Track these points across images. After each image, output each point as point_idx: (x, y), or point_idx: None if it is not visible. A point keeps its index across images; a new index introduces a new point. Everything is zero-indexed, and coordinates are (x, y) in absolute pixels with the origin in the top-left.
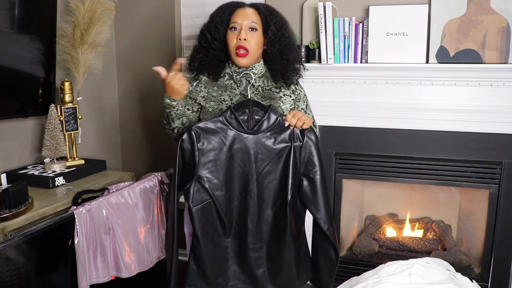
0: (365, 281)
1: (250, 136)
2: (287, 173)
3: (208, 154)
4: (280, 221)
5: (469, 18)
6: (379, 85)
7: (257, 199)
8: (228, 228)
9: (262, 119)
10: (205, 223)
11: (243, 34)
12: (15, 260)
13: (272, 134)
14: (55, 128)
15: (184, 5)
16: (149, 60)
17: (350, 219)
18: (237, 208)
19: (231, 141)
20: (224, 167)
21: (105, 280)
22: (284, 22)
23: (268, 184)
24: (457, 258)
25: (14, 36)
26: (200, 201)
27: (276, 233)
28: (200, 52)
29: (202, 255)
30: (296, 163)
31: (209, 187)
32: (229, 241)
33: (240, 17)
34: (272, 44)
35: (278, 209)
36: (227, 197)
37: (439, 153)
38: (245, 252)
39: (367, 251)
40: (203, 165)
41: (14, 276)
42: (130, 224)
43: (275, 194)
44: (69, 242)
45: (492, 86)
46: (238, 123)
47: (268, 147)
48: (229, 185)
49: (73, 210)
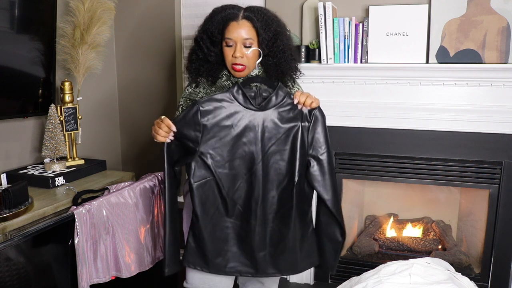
0: (365, 281)
1: (257, 113)
2: (295, 154)
3: (212, 129)
4: (285, 203)
5: (469, 18)
6: (379, 85)
7: (262, 179)
8: (231, 208)
9: (270, 96)
10: (206, 200)
11: (238, 52)
12: (15, 260)
13: (280, 113)
14: (55, 128)
15: (184, 5)
16: (149, 60)
17: (350, 219)
18: (241, 188)
19: (237, 117)
20: (229, 145)
21: (105, 280)
22: (280, 31)
23: (274, 164)
24: (457, 258)
25: (14, 36)
26: (201, 177)
27: (280, 215)
28: (196, 62)
29: (201, 233)
30: (304, 144)
31: (211, 163)
32: (231, 221)
33: (234, 32)
34: (267, 57)
35: (284, 190)
36: (231, 176)
37: (439, 153)
38: (247, 233)
39: (367, 251)
40: (206, 141)
41: (14, 276)
42: (130, 224)
43: (281, 175)
44: (69, 242)
45: (492, 86)
46: (245, 99)
47: (275, 126)
48: (233, 164)
49: (73, 210)
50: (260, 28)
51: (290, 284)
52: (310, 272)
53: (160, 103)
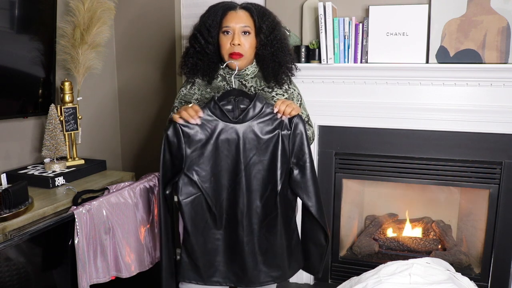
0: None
1: (236, 126)
2: (276, 163)
3: (194, 146)
4: (270, 212)
5: (469, 18)
6: (379, 85)
7: (246, 190)
8: (219, 220)
9: (248, 108)
10: (195, 216)
11: (236, 39)
12: (15, 260)
13: (259, 123)
14: (55, 128)
15: (184, 5)
16: (149, 60)
17: (350, 219)
18: (226, 200)
19: (217, 131)
20: (211, 159)
21: (105, 280)
22: (276, 24)
23: (256, 175)
24: (457, 258)
25: (14, 36)
26: (189, 194)
27: (266, 224)
28: (194, 56)
29: (193, 247)
30: (285, 152)
31: (197, 180)
32: (220, 233)
33: (232, 20)
34: (264, 46)
35: (268, 199)
36: (216, 189)
37: (439, 153)
38: (237, 243)
39: (367, 251)
40: (190, 158)
41: (14, 276)
42: (130, 224)
43: (264, 185)
44: (69, 242)
45: (492, 86)
46: (222, 113)
47: (255, 137)
48: (217, 177)
49: (73, 210)
50: (258, 17)
51: (290, 284)
52: None
53: (160, 103)
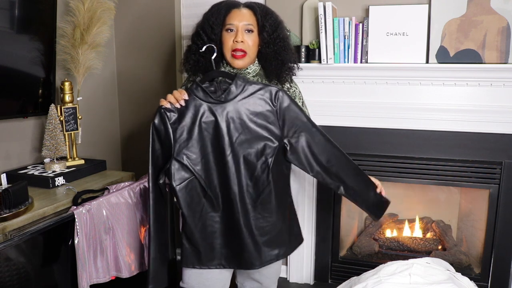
0: (365, 281)
1: (220, 106)
2: (264, 141)
3: (181, 130)
4: (263, 190)
5: (469, 18)
6: (379, 85)
7: (235, 170)
8: (216, 203)
9: (229, 86)
10: (191, 201)
11: (239, 36)
12: (15, 260)
13: (242, 102)
14: (55, 128)
15: (184, 5)
16: (149, 60)
17: (350, 219)
18: (219, 181)
19: (201, 113)
20: (199, 141)
21: (105, 280)
22: (279, 23)
23: (244, 154)
24: (457, 258)
25: (14, 36)
26: (182, 179)
27: (260, 202)
28: (196, 53)
29: (192, 233)
30: (273, 129)
31: (188, 163)
32: (219, 215)
33: (236, 18)
34: (267, 45)
35: (258, 178)
36: (207, 171)
37: (439, 153)
38: (234, 225)
39: (367, 251)
40: (179, 143)
41: (14, 276)
42: (130, 224)
43: (253, 164)
44: (69, 242)
45: (492, 86)
46: (205, 94)
47: (240, 116)
48: (207, 159)
49: (73, 210)
50: (261, 15)
51: (290, 284)
52: (310, 272)
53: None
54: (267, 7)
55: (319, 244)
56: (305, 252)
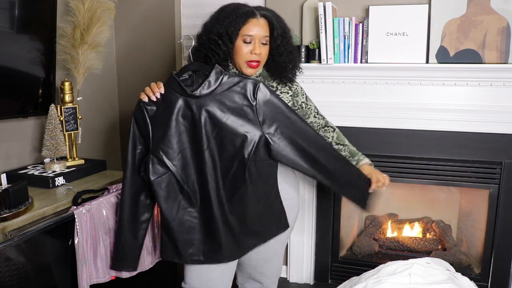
0: (365, 281)
1: (197, 100)
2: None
3: (159, 124)
4: (240, 185)
5: (469, 18)
6: (379, 85)
7: (212, 166)
8: (194, 198)
9: (206, 80)
10: (167, 196)
11: (257, 49)
12: (15, 260)
13: (219, 96)
14: (55, 128)
15: (184, 5)
16: (149, 60)
17: (350, 219)
18: (196, 177)
19: (178, 108)
20: (176, 136)
21: (105, 280)
22: (288, 31)
23: (220, 149)
24: (457, 258)
25: (14, 36)
26: (159, 173)
27: (236, 197)
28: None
29: (169, 227)
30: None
31: (165, 158)
32: (196, 211)
33: (254, 29)
34: (279, 54)
35: (235, 174)
36: (184, 166)
37: (439, 153)
38: (211, 220)
39: (367, 251)
40: (156, 137)
41: (14, 276)
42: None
43: (229, 160)
44: (69, 242)
45: (492, 86)
46: (181, 88)
47: (217, 110)
48: (184, 154)
49: (73, 210)
50: (276, 26)
51: (290, 284)
52: (310, 272)
53: None
54: (277, 14)
55: (319, 244)
56: (305, 252)
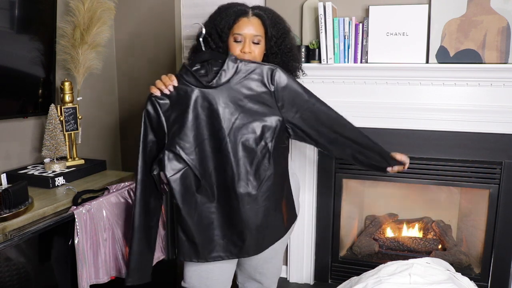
0: (365, 281)
1: (213, 90)
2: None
3: (174, 118)
4: (264, 175)
5: (469, 18)
6: (379, 85)
7: (233, 156)
8: (211, 193)
9: (221, 69)
10: (185, 192)
11: (247, 48)
12: (15, 260)
13: (237, 84)
14: (55, 128)
15: (184, 5)
16: (149, 60)
17: (350, 219)
18: (214, 170)
19: (194, 99)
20: (193, 129)
21: (105, 280)
22: (287, 31)
23: (242, 140)
24: (457, 258)
25: (14, 36)
26: (176, 169)
27: (261, 189)
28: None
29: (187, 225)
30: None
31: (182, 153)
32: (214, 206)
33: (244, 28)
34: (275, 55)
35: (259, 164)
36: (202, 159)
37: (439, 153)
38: (232, 214)
39: (367, 251)
40: (172, 131)
41: (14, 276)
42: (130, 224)
43: (252, 149)
44: (69, 242)
45: (492, 86)
46: (195, 79)
47: (235, 99)
48: (202, 147)
49: (73, 210)
50: (269, 25)
51: (290, 284)
52: (310, 272)
53: None
54: (276, 14)
55: (319, 244)
56: (305, 252)
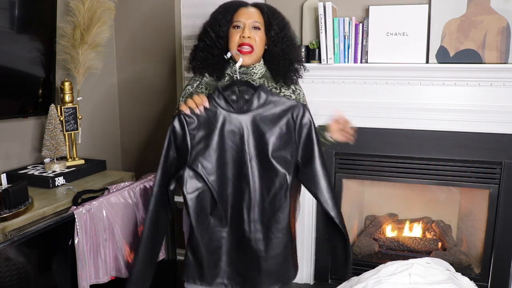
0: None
1: (241, 116)
2: (283, 154)
3: (199, 138)
4: (279, 207)
5: (469, 18)
6: (379, 85)
7: (252, 183)
8: (225, 217)
9: (252, 97)
10: (200, 211)
11: (246, 32)
12: (15, 260)
13: (263, 114)
14: (55, 128)
15: (184, 5)
16: (149, 60)
17: (350, 219)
18: (232, 194)
19: (221, 122)
20: (217, 151)
21: (105, 280)
22: (286, 23)
23: (262, 167)
24: (457, 258)
25: (14, 36)
26: (195, 188)
27: (274, 220)
28: (204, 51)
29: (198, 245)
30: (292, 143)
31: (203, 173)
32: (226, 231)
33: (243, 16)
34: (275, 43)
35: (276, 194)
36: (222, 182)
37: (439, 153)
38: (242, 242)
39: (367, 251)
40: (195, 150)
41: (14, 276)
42: (130, 224)
43: (271, 178)
44: (69, 242)
45: (492, 86)
46: (227, 103)
47: (261, 127)
48: (223, 170)
49: (73, 210)
50: (269, 14)
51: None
52: (310, 272)
53: (160, 103)
54: (274, 8)
55: (319, 244)
56: (305, 252)
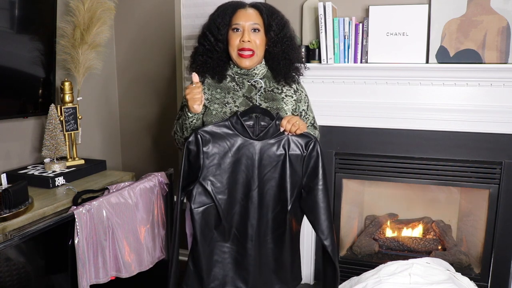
0: (365, 281)
1: (256, 142)
2: (284, 181)
3: (212, 157)
4: (279, 226)
5: (469, 18)
6: (379, 85)
7: (258, 204)
8: (228, 233)
9: (269, 127)
10: (205, 226)
11: (246, 36)
12: (15, 260)
13: (276, 142)
14: (55, 128)
15: (184, 5)
16: (149, 60)
17: (350, 219)
18: (238, 213)
19: (237, 146)
20: (228, 172)
21: (105, 280)
22: (286, 22)
23: (269, 190)
24: (457, 258)
25: (14, 36)
26: (202, 203)
27: (275, 238)
28: (204, 54)
29: (199, 257)
30: (295, 172)
31: (212, 190)
32: (227, 246)
33: (242, 18)
34: (275, 44)
35: (278, 215)
36: (229, 201)
37: (439, 153)
38: (243, 257)
39: (367, 251)
40: (207, 168)
41: (14, 276)
42: (130, 224)
43: (275, 201)
44: (69, 242)
45: (492, 86)
46: (243, 129)
47: (271, 154)
48: (232, 190)
49: (73, 210)
50: (267, 15)
51: None
52: (310, 272)
53: (160, 103)
54: (272, 7)
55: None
56: (305, 252)
